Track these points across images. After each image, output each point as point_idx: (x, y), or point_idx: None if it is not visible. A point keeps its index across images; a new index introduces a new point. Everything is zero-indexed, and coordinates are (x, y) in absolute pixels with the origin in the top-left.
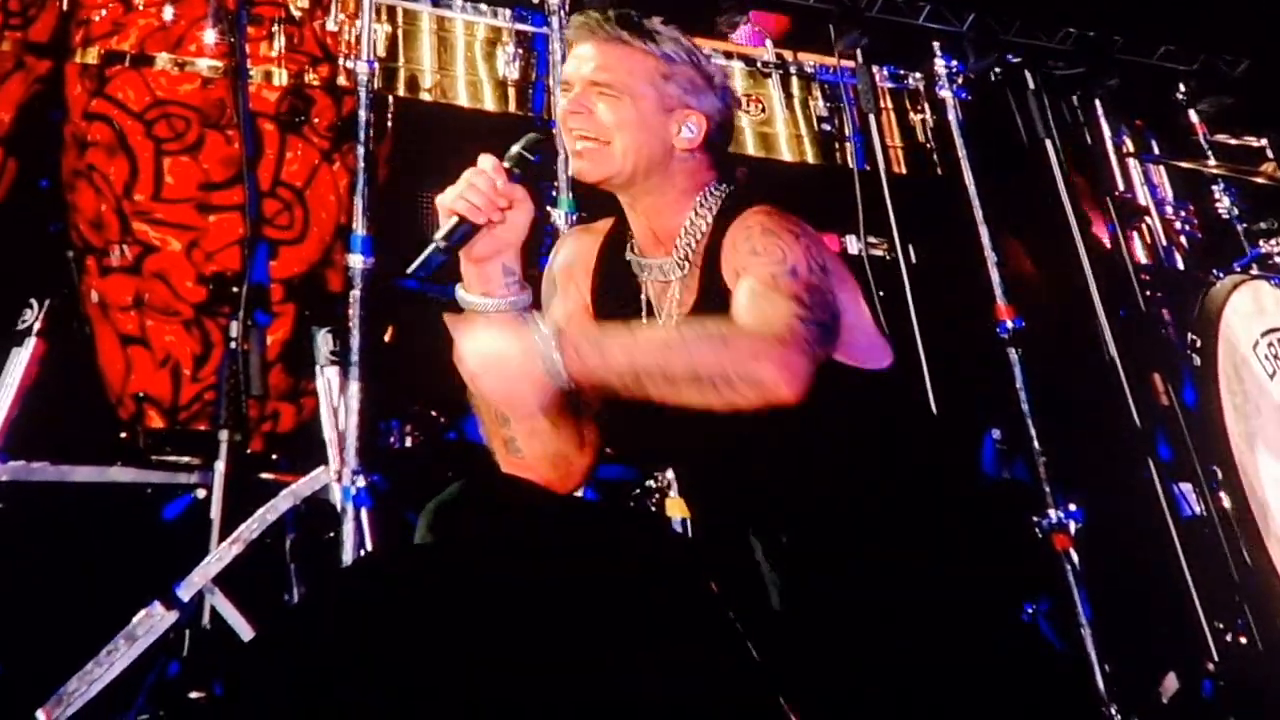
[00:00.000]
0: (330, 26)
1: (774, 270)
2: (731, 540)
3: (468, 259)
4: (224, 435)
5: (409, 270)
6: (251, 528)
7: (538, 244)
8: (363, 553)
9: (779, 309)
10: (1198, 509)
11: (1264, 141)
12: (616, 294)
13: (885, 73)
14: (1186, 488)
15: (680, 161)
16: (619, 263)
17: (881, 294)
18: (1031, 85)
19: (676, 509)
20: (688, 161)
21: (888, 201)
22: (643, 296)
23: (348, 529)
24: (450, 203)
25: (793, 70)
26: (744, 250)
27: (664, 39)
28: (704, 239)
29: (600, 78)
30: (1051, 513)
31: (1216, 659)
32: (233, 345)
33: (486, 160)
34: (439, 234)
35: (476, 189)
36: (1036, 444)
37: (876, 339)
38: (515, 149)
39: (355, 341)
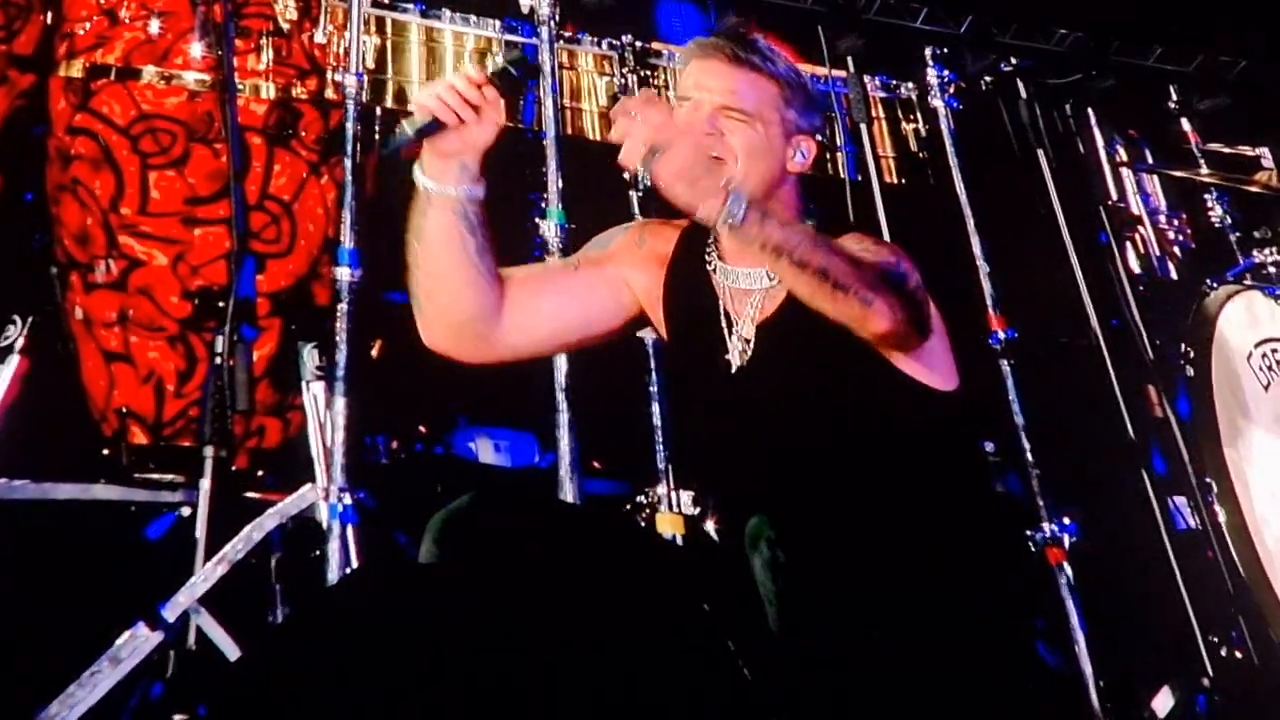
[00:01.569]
0: (319, 39)
1: (888, 260)
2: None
3: (431, 150)
4: (209, 452)
5: (378, 150)
6: (237, 547)
7: (527, 255)
8: (348, 571)
9: (896, 269)
10: (1192, 522)
11: (1259, 151)
12: (690, 297)
13: (877, 82)
14: (1181, 500)
15: (789, 186)
16: (696, 265)
17: None
18: (1024, 95)
19: (667, 525)
20: (794, 186)
21: (880, 212)
22: (719, 301)
23: (333, 547)
24: (424, 99)
25: None
26: (854, 249)
27: (778, 59)
28: None
29: (734, 102)
30: (1046, 526)
31: (1212, 674)
32: (218, 361)
33: (469, 67)
34: (408, 122)
35: (453, 90)
36: (1030, 457)
37: (948, 361)
38: (499, 61)
39: (342, 356)
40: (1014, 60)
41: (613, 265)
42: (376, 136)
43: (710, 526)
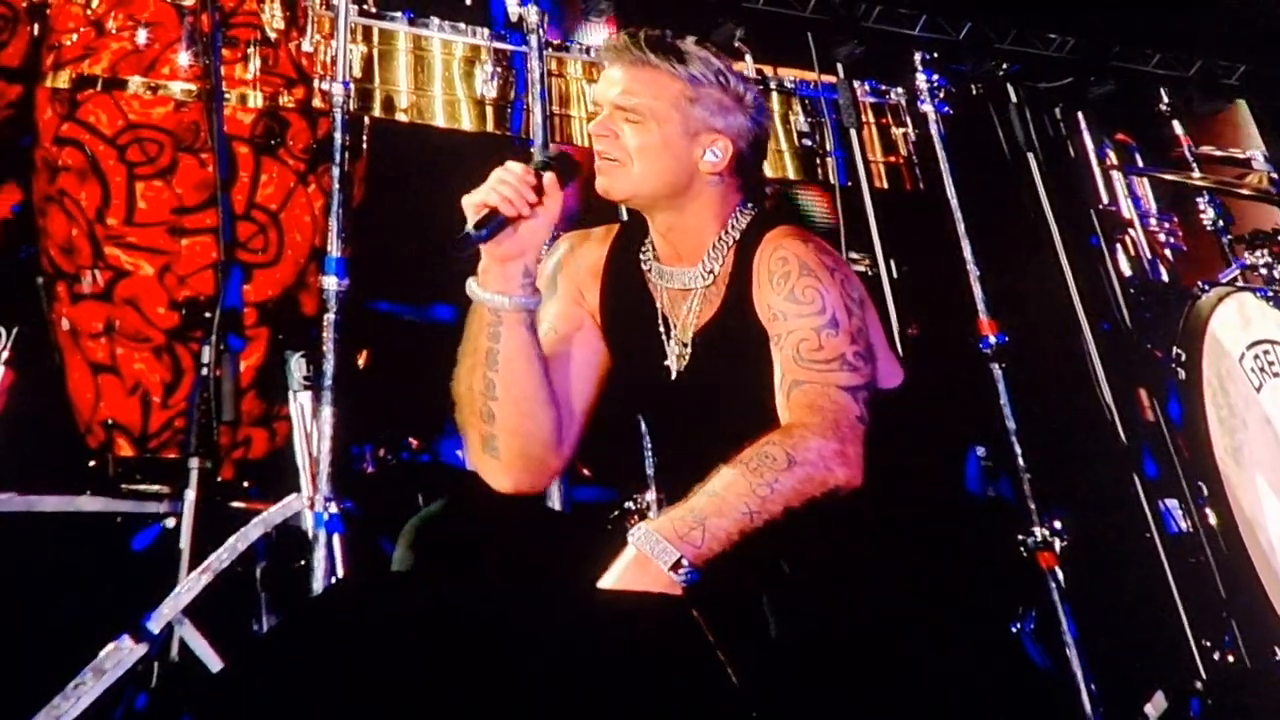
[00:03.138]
0: (306, 48)
1: (816, 325)
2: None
3: (492, 257)
4: (194, 463)
5: (450, 249)
6: (222, 557)
7: None
8: (334, 580)
9: (832, 395)
10: (1184, 525)
11: (1250, 153)
12: (628, 303)
13: (867, 87)
14: (1173, 503)
15: (708, 185)
16: (630, 270)
17: None
18: (1014, 99)
19: None
20: (716, 185)
21: (870, 217)
22: (657, 305)
23: (319, 556)
24: (483, 197)
25: (773, 85)
26: (780, 291)
27: (693, 59)
28: (730, 253)
29: (625, 101)
30: (1037, 530)
31: (1204, 677)
32: (205, 371)
33: (514, 164)
34: (471, 223)
35: (509, 184)
36: (1021, 461)
37: (891, 359)
38: (540, 158)
39: (329, 365)
40: (1005, 66)
41: (574, 306)
42: (365, 145)
43: None
